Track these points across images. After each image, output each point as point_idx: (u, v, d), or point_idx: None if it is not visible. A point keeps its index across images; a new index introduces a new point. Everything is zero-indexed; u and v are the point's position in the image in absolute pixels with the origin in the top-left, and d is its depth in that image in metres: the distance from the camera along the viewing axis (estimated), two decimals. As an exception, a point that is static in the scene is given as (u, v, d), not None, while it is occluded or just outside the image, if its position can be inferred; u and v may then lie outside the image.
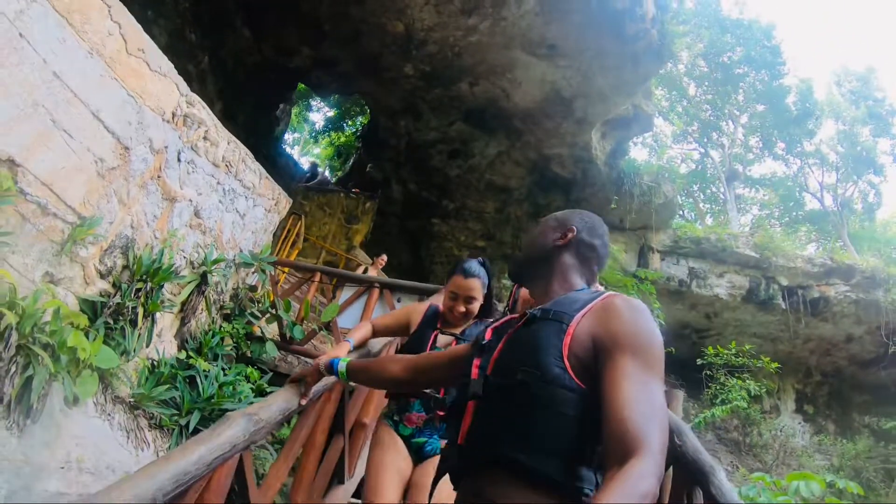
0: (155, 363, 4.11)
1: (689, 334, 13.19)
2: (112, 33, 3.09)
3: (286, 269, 7.13)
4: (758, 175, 24.67)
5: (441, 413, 2.30)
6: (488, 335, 1.33)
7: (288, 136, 21.66)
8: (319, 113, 22.00)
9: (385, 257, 8.91)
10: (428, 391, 2.24)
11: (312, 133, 22.18)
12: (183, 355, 4.59)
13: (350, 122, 19.37)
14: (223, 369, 4.97)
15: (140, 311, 3.60)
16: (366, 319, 5.83)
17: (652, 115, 11.93)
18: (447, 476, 1.28)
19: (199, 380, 4.36)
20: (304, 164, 19.06)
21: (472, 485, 1.17)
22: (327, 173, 17.73)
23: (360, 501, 2.95)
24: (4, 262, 2.79)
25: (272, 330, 5.90)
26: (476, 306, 2.48)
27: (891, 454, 12.92)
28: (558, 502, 1.08)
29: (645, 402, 1.06)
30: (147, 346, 3.89)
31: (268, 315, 5.72)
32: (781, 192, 24.42)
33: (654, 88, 13.57)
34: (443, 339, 2.54)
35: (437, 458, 2.16)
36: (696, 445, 2.41)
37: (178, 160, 3.83)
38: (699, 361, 11.93)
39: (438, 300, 2.70)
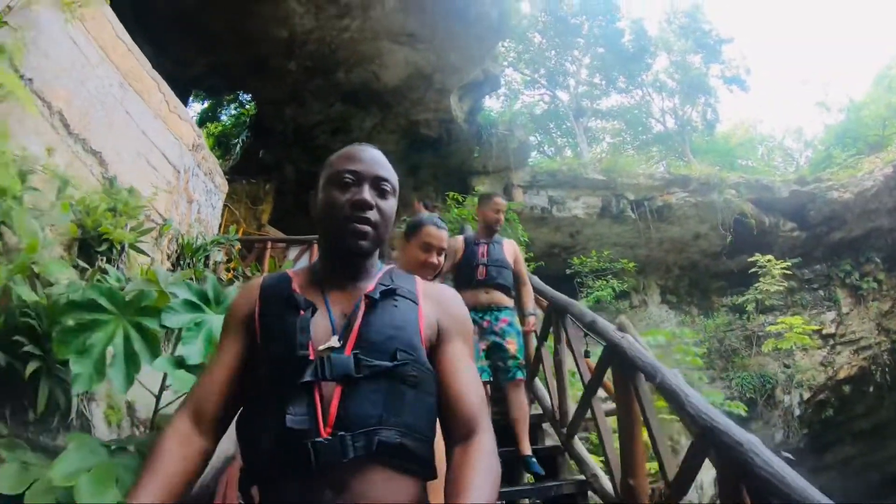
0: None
1: (558, 252, 15.65)
2: (161, 101, 5.17)
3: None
4: (605, 108, 28.42)
5: None
6: (299, 291, 1.27)
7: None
8: (190, 109, 22.93)
9: None
10: None
11: (192, 129, 23.05)
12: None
13: (221, 111, 20.65)
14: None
15: (194, 278, 5.70)
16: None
17: (499, 75, 14.73)
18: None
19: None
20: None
21: (325, 485, 1.05)
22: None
23: None
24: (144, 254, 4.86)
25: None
26: (444, 259, 2.48)
27: (746, 323, 16.19)
28: (419, 489, 1.14)
29: (477, 384, 1.25)
30: (196, 300, 6.00)
31: (239, 278, 7.85)
32: (629, 119, 28.36)
33: (501, 46, 16.40)
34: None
35: None
36: (561, 297, 4.84)
37: (192, 174, 5.93)
38: (568, 272, 14.94)
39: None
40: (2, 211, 2.45)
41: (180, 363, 2.63)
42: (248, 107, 18.33)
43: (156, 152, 5.02)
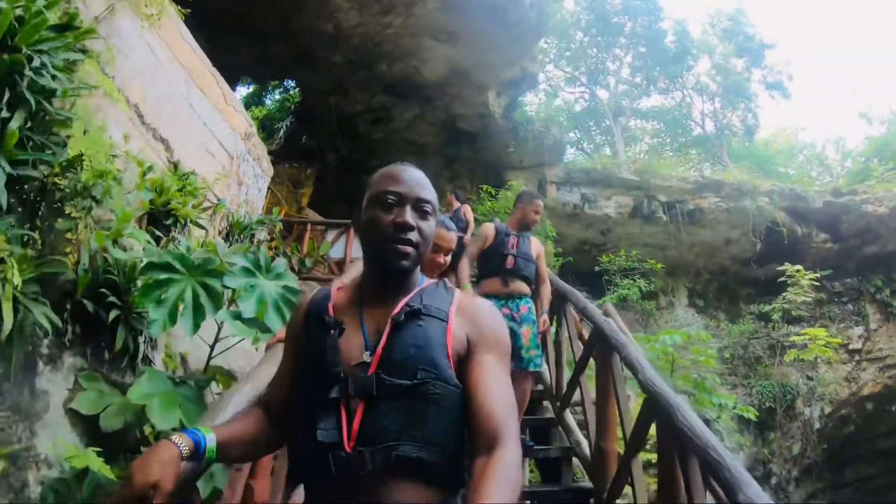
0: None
1: (589, 249, 16.01)
2: (219, 94, 5.91)
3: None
4: (645, 108, 28.50)
5: None
6: (332, 312, 1.39)
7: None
8: (236, 93, 23.92)
9: None
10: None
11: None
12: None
13: (265, 95, 21.58)
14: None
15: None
16: (348, 251, 8.90)
17: (537, 74, 15.25)
18: None
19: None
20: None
21: (355, 492, 1.18)
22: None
23: None
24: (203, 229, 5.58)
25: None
26: (449, 258, 2.75)
27: (771, 332, 16.23)
28: (447, 497, 1.24)
29: (505, 395, 1.28)
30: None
31: (280, 256, 8.61)
32: (669, 121, 28.32)
33: (543, 42, 16.88)
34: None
35: None
36: (563, 285, 5.52)
37: (243, 160, 6.67)
38: (597, 269, 15.22)
39: None
40: (104, 189, 3.16)
41: (237, 316, 3.35)
42: (292, 93, 19.09)
43: (214, 141, 5.76)
